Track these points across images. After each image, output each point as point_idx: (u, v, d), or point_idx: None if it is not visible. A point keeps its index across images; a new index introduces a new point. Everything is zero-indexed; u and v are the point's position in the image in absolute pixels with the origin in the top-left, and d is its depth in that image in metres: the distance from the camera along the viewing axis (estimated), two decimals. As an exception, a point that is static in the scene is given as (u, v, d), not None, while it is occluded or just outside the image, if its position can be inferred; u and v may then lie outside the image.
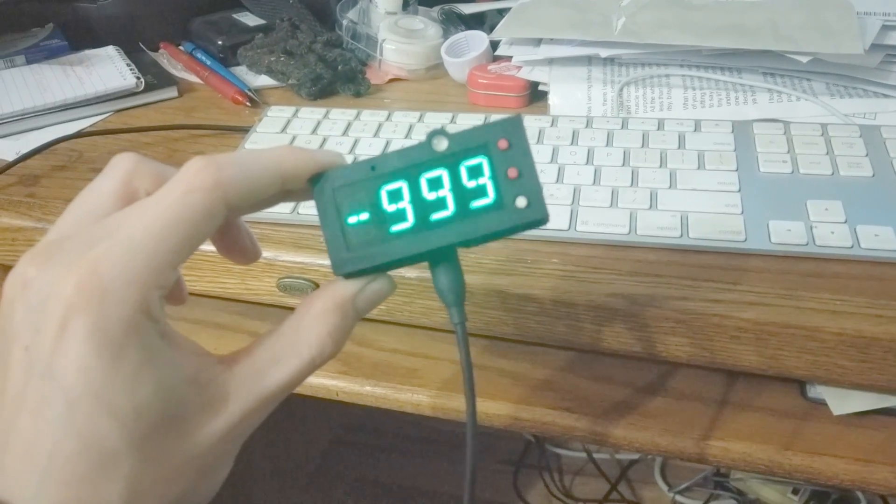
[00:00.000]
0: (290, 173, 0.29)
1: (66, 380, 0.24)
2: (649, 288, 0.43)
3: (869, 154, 0.49)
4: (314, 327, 0.29)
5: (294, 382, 0.28)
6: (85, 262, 0.25)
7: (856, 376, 0.41)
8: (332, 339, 0.29)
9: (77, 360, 0.24)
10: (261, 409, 0.28)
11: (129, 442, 0.25)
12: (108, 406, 0.24)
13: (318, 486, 1.19)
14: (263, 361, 0.28)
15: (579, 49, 0.61)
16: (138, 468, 0.25)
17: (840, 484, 0.46)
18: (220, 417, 0.27)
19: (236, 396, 0.27)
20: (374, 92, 0.67)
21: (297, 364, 0.28)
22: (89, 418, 0.24)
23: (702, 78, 0.59)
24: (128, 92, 0.65)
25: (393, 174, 0.29)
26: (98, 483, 0.25)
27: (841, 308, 0.40)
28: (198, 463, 0.27)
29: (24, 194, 0.54)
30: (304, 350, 0.28)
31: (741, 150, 0.51)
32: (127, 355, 0.25)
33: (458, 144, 0.29)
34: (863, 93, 0.56)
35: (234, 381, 0.28)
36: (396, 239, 0.29)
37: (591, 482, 1.17)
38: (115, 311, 0.24)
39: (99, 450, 0.25)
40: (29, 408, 0.25)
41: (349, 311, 0.29)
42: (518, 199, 0.29)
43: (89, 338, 0.24)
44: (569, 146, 0.53)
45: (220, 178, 0.26)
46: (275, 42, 0.69)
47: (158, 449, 0.26)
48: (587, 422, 0.49)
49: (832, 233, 0.44)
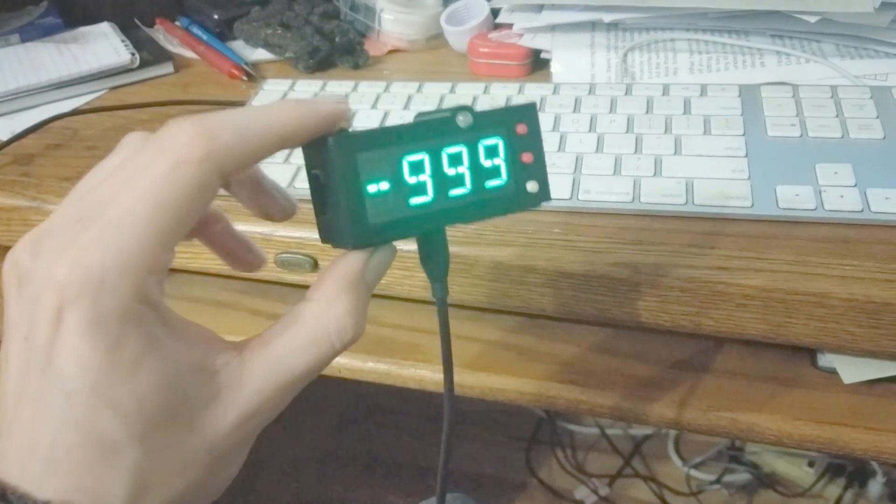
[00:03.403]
0: (291, 133, 0.26)
1: (63, 372, 0.23)
2: (653, 256, 0.42)
3: (880, 115, 0.48)
4: (332, 311, 0.27)
5: (316, 370, 0.27)
6: (74, 250, 0.23)
7: (866, 343, 0.40)
8: (353, 320, 0.27)
9: (73, 352, 0.23)
10: (278, 399, 0.27)
11: (130, 434, 0.24)
12: (106, 399, 0.24)
13: (328, 467, 1.19)
14: (281, 349, 0.27)
15: (582, 14, 0.60)
16: (142, 460, 0.24)
17: (851, 453, 0.45)
18: (232, 407, 0.26)
19: (250, 385, 0.26)
20: (372, 63, 0.66)
21: (316, 352, 0.27)
22: (88, 411, 0.24)
23: (708, 42, 0.57)
24: (123, 68, 0.64)
25: (417, 145, 0.28)
26: (101, 473, 0.24)
27: (850, 273, 0.39)
28: (208, 454, 0.26)
29: (19, 173, 0.53)
30: (323, 337, 0.27)
31: (748, 115, 0.49)
32: (124, 346, 0.23)
33: (481, 123, 0.29)
34: (874, 53, 0.54)
35: (248, 370, 0.26)
36: (415, 212, 0.28)
37: (604, 458, 1.17)
38: (109, 301, 0.23)
39: (99, 442, 0.24)
40: (29, 398, 0.24)
41: (361, 287, 0.28)
42: (529, 183, 0.30)
43: (84, 329, 0.23)
44: (571, 114, 0.51)
45: (212, 149, 0.24)
46: (271, 15, 0.68)
47: (163, 441, 0.25)
48: (593, 394, 0.48)
49: (841, 197, 0.42)
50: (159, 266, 0.24)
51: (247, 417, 0.26)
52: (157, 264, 0.24)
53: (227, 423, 0.26)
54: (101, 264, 0.23)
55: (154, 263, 0.24)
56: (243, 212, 0.32)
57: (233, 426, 0.26)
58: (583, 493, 1.12)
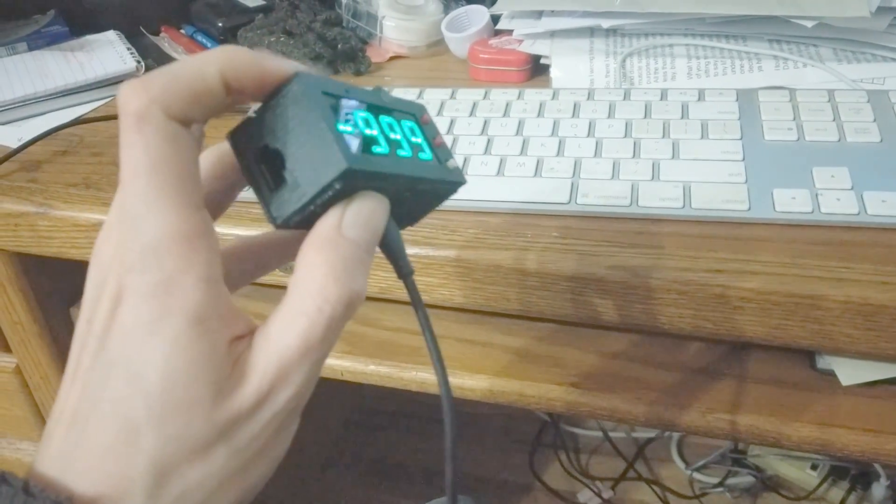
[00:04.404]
0: (230, 70, 0.25)
1: (108, 345, 0.24)
2: (651, 259, 0.42)
3: (877, 119, 0.48)
4: (310, 274, 0.26)
5: (310, 340, 0.25)
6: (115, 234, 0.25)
7: (863, 345, 0.40)
8: (333, 278, 0.25)
9: (120, 322, 0.24)
10: (286, 381, 0.26)
11: (152, 416, 0.24)
12: (136, 377, 0.24)
13: (332, 470, 1.20)
14: (275, 325, 0.26)
15: (581, 20, 0.60)
16: (160, 446, 0.24)
17: (850, 455, 0.45)
18: (244, 394, 0.25)
19: (255, 369, 0.25)
20: (374, 70, 0.66)
21: (304, 321, 0.25)
22: (119, 386, 0.24)
23: (706, 47, 0.58)
24: (128, 76, 0.65)
25: (363, 103, 0.28)
26: (122, 455, 0.24)
27: (847, 276, 0.39)
28: (225, 444, 0.25)
29: (26, 179, 0.54)
30: (307, 303, 0.25)
31: (745, 119, 0.50)
32: (164, 326, 0.24)
33: (397, 104, 0.30)
34: (871, 57, 0.54)
35: (253, 353, 0.26)
36: (378, 160, 0.27)
37: (607, 461, 1.17)
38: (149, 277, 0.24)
39: (125, 420, 0.24)
40: (79, 377, 0.25)
41: (339, 241, 0.26)
42: (449, 162, 0.31)
43: (133, 305, 0.24)
44: (570, 119, 0.52)
45: (151, 95, 0.24)
46: (274, 22, 0.69)
47: (183, 430, 0.24)
48: (593, 397, 0.49)
49: (838, 200, 0.43)
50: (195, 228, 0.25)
51: (257, 402, 0.25)
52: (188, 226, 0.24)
53: (242, 410, 0.25)
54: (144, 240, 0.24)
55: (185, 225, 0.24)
56: (245, 217, 0.32)
57: (248, 413, 0.25)
58: (586, 495, 1.12)
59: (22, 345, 0.60)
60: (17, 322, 0.59)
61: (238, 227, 0.46)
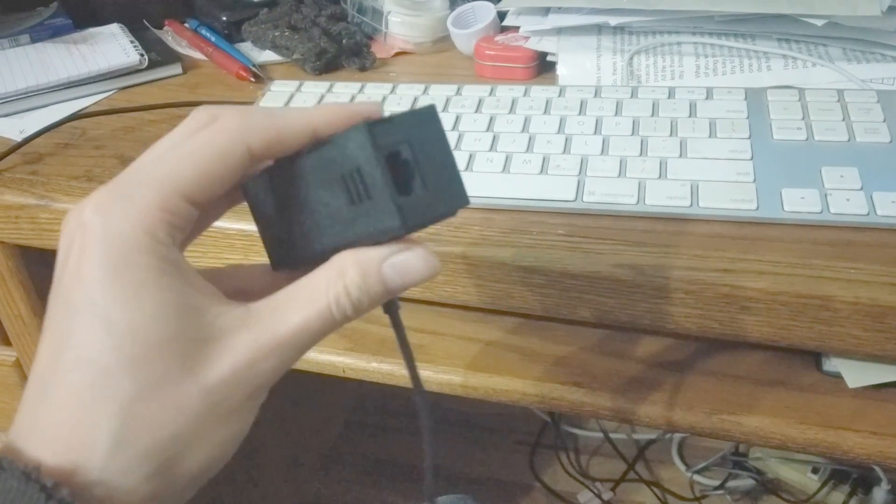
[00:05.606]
0: (323, 126, 0.28)
1: (71, 295, 0.25)
2: (657, 258, 0.42)
3: (887, 119, 0.48)
4: (332, 279, 0.27)
5: (309, 330, 0.27)
6: (104, 188, 0.26)
7: (871, 346, 0.40)
8: (349, 294, 0.27)
9: (83, 273, 0.25)
10: (273, 353, 0.27)
11: (121, 359, 0.24)
12: (104, 319, 0.24)
13: (331, 470, 1.19)
14: (280, 303, 0.27)
15: (588, 17, 0.60)
16: (131, 390, 0.24)
17: (855, 458, 0.45)
18: (228, 351, 0.26)
19: (249, 331, 0.26)
20: (379, 66, 0.66)
21: (311, 309, 0.27)
22: (85, 331, 0.24)
23: (714, 45, 0.57)
24: (132, 69, 0.65)
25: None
26: (89, 403, 0.24)
27: (855, 276, 0.39)
28: (202, 399, 0.25)
29: (28, 172, 0.54)
30: (320, 298, 0.27)
31: (754, 118, 0.49)
32: (129, 271, 0.25)
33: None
34: (881, 57, 0.54)
35: (249, 318, 0.27)
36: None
37: (607, 462, 1.16)
38: (117, 225, 0.25)
39: (92, 366, 0.24)
40: (45, 333, 0.26)
41: (371, 274, 0.27)
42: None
43: (95, 252, 0.25)
44: (576, 116, 0.52)
45: (245, 121, 0.27)
46: (279, 17, 0.68)
47: (156, 374, 0.25)
48: (597, 397, 0.48)
49: (847, 200, 0.42)
50: (170, 207, 0.26)
51: (244, 365, 0.26)
52: (168, 204, 0.26)
53: (222, 366, 0.26)
54: (117, 195, 0.26)
55: (164, 203, 0.26)
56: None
57: (228, 370, 0.26)
58: (586, 497, 1.11)
59: (22, 338, 0.60)
60: (16, 315, 0.58)
61: (245, 223, 0.46)
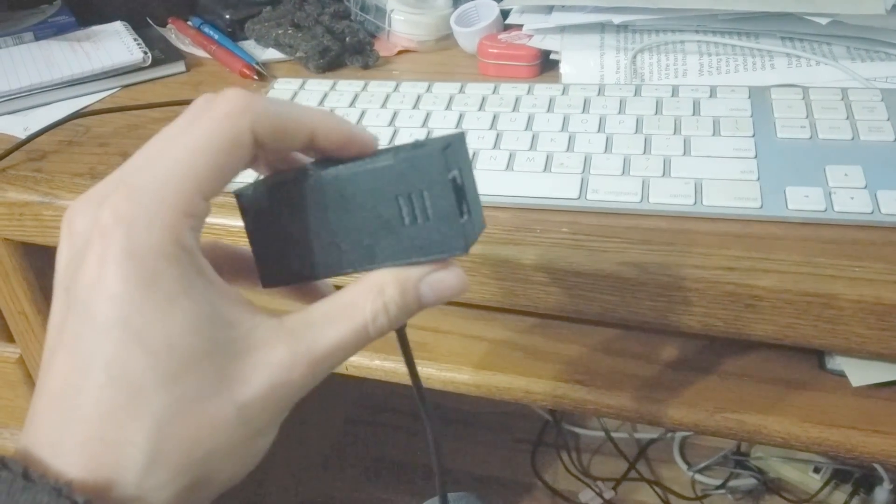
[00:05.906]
0: (321, 130, 0.28)
1: (96, 309, 0.24)
2: (661, 256, 0.42)
3: (891, 118, 0.48)
4: (370, 295, 0.27)
5: (344, 346, 0.27)
6: (120, 192, 0.25)
7: (875, 345, 0.40)
8: (387, 311, 0.27)
9: (108, 287, 0.24)
10: (309, 368, 0.26)
11: (157, 376, 0.23)
12: (136, 335, 0.23)
13: (333, 468, 1.19)
14: (316, 318, 0.27)
15: (591, 16, 0.60)
16: (166, 407, 0.23)
17: (859, 457, 0.45)
18: (264, 366, 0.25)
19: (284, 346, 0.26)
20: (382, 64, 0.66)
21: (348, 326, 0.27)
22: (117, 348, 0.23)
23: (718, 43, 0.57)
24: (135, 67, 0.65)
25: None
26: (122, 420, 0.23)
27: (859, 275, 0.39)
28: (237, 415, 0.25)
29: (32, 169, 0.54)
30: (357, 314, 0.27)
31: (758, 116, 0.49)
32: (158, 282, 0.24)
33: None
34: (885, 56, 0.54)
35: (284, 332, 0.26)
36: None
37: (609, 461, 1.16)
38: (142, 236, 0.24)
39: (126, 383, 0.23)
40: (64, 346, 0.24)
41: (410, 291, 0.27)
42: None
43: (120, 264, 0.24)
44: (580, 114, 0.52)
45: (250, 105, 0.26)
46: (282, 15, 0.68)
47: (191, 390, 0.24)
48: (600, 395, 0.48)
49: (851, 198, 0.42)
50: (193, 210, 0.25)
51: (280, 382, 0.25)
52: (190, 208, 0.25)
53: (258, 381, 0.25)
54: (137, 202, 0.24)
55: (188, 206, 0.25)
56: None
57: (264, 387, 0.25)
58: (588, 496, 1.11)
59: (25, 335, 0.60)
60: (20, 312, 0.58)
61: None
